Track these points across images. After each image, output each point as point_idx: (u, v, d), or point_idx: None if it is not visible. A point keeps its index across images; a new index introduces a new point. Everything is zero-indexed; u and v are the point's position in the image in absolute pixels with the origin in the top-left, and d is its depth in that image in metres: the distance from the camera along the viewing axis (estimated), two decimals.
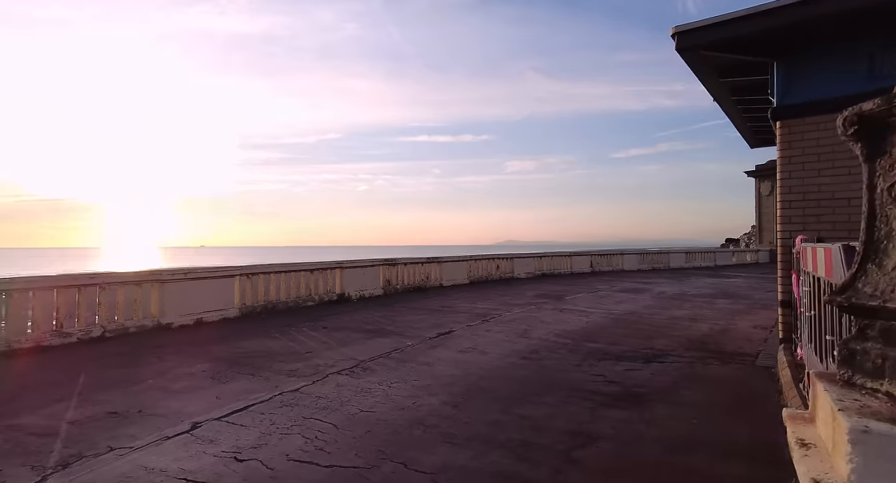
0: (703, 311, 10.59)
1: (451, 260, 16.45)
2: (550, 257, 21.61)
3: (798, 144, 5.87)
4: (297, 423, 4.09)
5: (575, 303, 11.91)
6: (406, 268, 14.49)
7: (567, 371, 5.79)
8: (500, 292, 14.11)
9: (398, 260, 14.19)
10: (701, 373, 5.75)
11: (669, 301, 12.38)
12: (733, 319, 9.53)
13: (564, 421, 4.17)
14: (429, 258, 15.55)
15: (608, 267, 23.55)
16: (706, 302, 12.16)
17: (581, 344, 7.30)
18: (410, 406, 4.53)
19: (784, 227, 6.00)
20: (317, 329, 8.40)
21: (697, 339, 7.64)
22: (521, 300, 12.36)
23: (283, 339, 7.58)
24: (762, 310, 10.87)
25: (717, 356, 6.54)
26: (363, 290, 12.68)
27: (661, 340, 7.59)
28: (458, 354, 6.59)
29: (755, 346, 7.12)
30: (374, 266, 13.22)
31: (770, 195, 30.34)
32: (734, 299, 12.64)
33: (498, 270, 18.87)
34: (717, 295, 13.66)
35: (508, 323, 9.08)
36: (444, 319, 9.39)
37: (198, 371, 5.64)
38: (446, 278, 15.96)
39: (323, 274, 11.74)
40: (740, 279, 19.22)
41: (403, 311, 10.44)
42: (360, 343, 7.28)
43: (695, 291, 14.52)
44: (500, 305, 11.38)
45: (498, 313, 10.18)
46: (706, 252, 29.52)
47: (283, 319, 9.40)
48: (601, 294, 13.84)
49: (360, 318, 9.62)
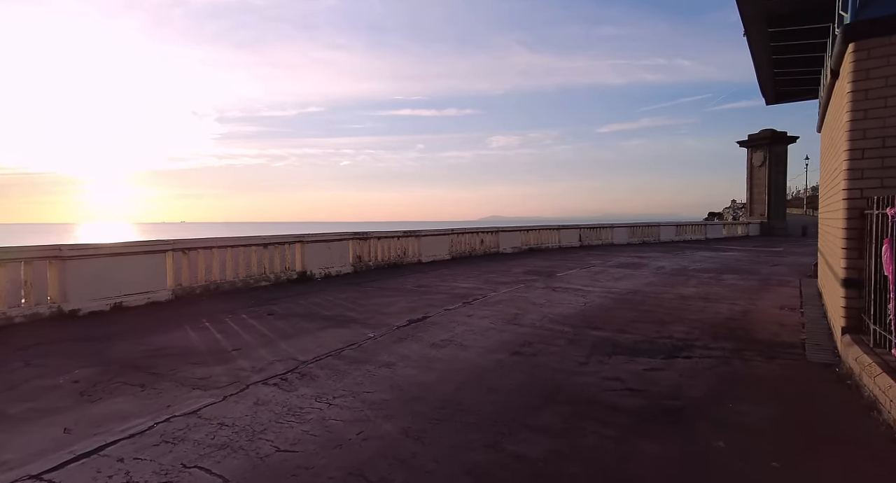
0: (714, 289, 9.34)
1: (431, 234, 14.94)
2: (538, 231, 20.25)
3: (880, 73, 4.42)
4: (168, 480, 2.62)
5: (568, 280, 10.57)
6: (380, 242, 12.94)
7: (571, 372, 4.41)
8: (484, 269, 12.71)
9: (370, 234, 12.62)
10: (744, 373, 4.42)
11: (672, 277, 11.13)
12: (751, 298, 8.29)
13: (579, 464, 2.79)
14: (406, 232, 14.01)
15: (597, 240, 22.34)
16: (712, 278, 10.93)
17: (583, 332, 5.94)
18: (353, 440, 3.09)
19: (853, 184, 4.60)
20: (260, 316, 6.88)
21: (721, 325, 6.35)
22: (509, 278, 10.98)
23: (212, 330, 6.05)
24: (778, 287, 9.68)
25: (754, 348, 5.24)
26: (328, 268, 11.13)
27: (677, 326, 6.28)
28: (431, 349, 5.16)
29: (794, 334, 5.84)
30: (343, 240, 11.64)
31: (762, 166, 29.29)
32: (741, 275, 11.45)
33: (482, 245, 17.45)
34: (721, 270, 12.47)
35: (494, 305, 7.68)
36: (418, 302, 7.95)
37: (66, 382, 4.09)
38: (426, 254, 14.49)
39: (280, 249, 10.13)
40: (737, 252, 18.16)
41: (372, 293, 8.96)
42: (308, 335, 5.79)
43: (696, 266, 13.32)
44: (484, 284, 9.98)
45: (482, 294, 8.77)
46: (697, 225, 28.52)
47: (225, 304, 7.85)
48: (595, 270, 12.55)
49: (319, 301, 8.11)
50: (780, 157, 29.16)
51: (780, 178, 29.39)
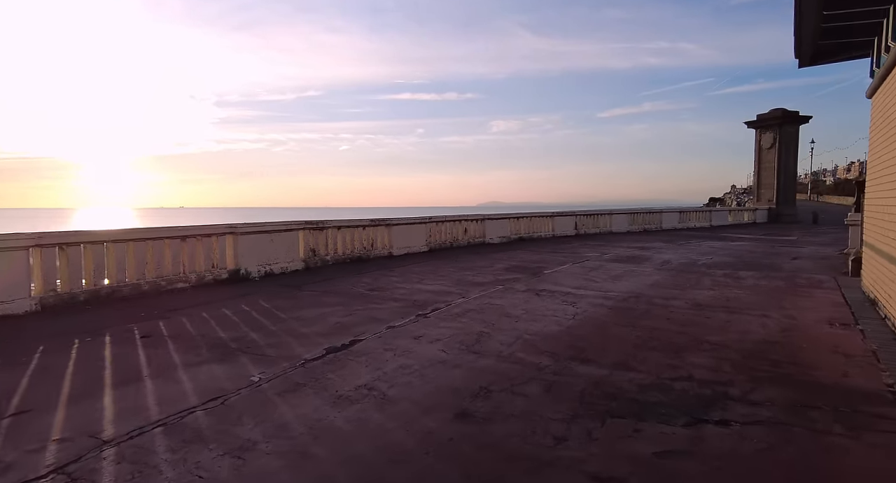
0: (734, 292, 7.58)
1: (405, 222, 13.09)
2: (529, 218, 18.40)
3: None
4: None
5: (557, 280, 8.80)
6: (340, 233, 11.09)
7: (539, 462, 2.67)
8: (462, 264, 10.92)
9: (328, 223, 10.75)
10: (824, 466, 2.67)
11: (680, 275, 9.37)
12: (784, 307, 6.53)
13: None
14: (374, 221, 12.14)
15: (595, 228, 20.52)
16: (728, 276, 9.17)
17: (567, 368, 4.18)
18: None
19: None
20: (127, 341, 5.03)
21: (758, 353, 4.59)
22: (487, 276, 9.20)
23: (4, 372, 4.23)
24: (812, 288, 7.92)
25: (820, 400, 3.49)
26: (270, 265, 9.29)
27: (698, 356, 4.53)
28: (333, 409, 3.39)
29: (870, 372, 4.09)
30: (290, 231, 9.78)
31: (772, 148, 27.37)
32: (761, 271, 9.69)
33: (466, 234, 15.62)
34: (736, 264, 10.71)
35: (457, 319, 5.91)
36: (359, 315, 6.17)
37: None
38: (398, 245, 12.66)
39: (204, 243, 8.29)
40: (747, 242, 16.42)
41: (307, 300, 7.15)
42: (164, 378, 3.99)
43: (706, 260, 11.55)
44: (454, 286, 8.19)
45: (446, 300, 7.00)
46: (701, 212, 26.72)
47: (104, 318, 6.03)
48: (590, 265, 10.77)
49: (231, 312, 6.29)
50: (791, 139, 27.24)
51: (790, 162, 27.51)
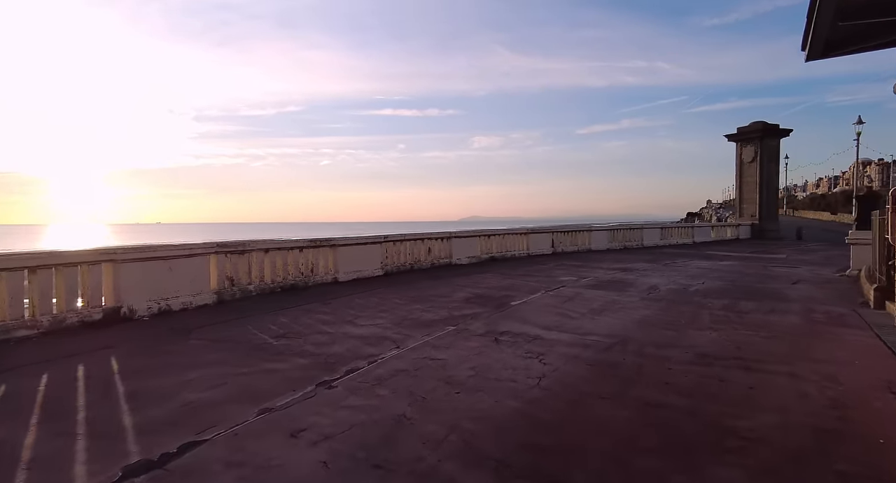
0: (743, 334, 6.00)
1: (354, 243, 11.29)
2: (501, 236, 16.78)
3: None
4: None
5: (525, 316, 7.11)
6: (269, 257, 9.23)
7: None
8: (417, 292, 9.17)
9: (251, 244, 8.90)
10: None
11: (672, 307, 7.79)
12: (816, 358, 4.95)
13: None
14: (314, 241, 10.28)
15: (573, 246, 19.02)
16: (728, 308, 7.62)
17: None
18: None
19: None
20: None
21: (815, 461, 2.95)
22: (440, 311, 7.46)
23: None
24: (834, 327, 6.39)
25: None
26: (168, 299, 7.35)
27: (722, 465, 2.87)
28: None
29: None
30: (195, 256, 7.88)
31: (753, 161, 26.48)
32: (764, 301, 8.18)
33: (430, 255, 13.89)
34: (733, 292, 9.21)
35: (372, 390, 4.14)
36: (236, 382, 4.35)
37: None
38: (345, 270, 10.84)
39: (65, 275, 6.36)
40: (736, 261, 15.08)
41: (180, 355, 5.26)
42: None
43: (697, 285, 10.04)
44: (393, 327, 6.43)
45: (373, 353, 5.22)
46: (684, 228, 25.59)
47: None
48: (566, 293, 9.15)
49: (26, 387, 4.43)
50: (773, 153, 26.42)
51: (772, 176, 26.65)
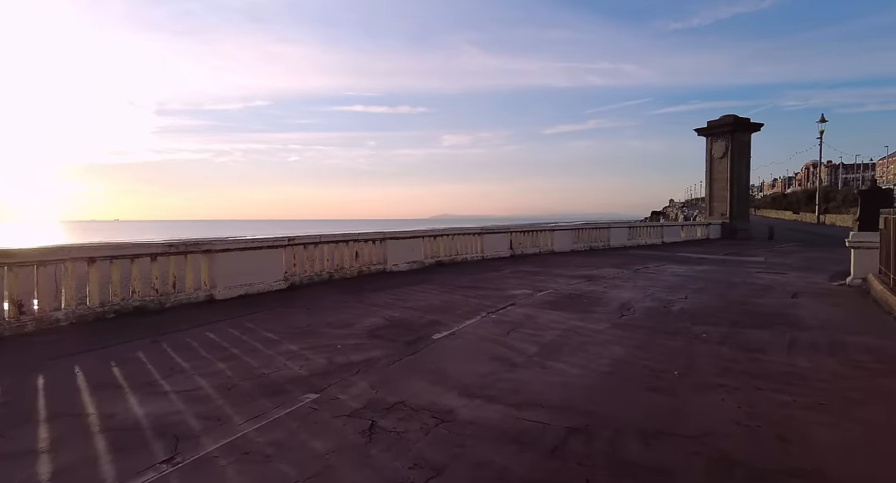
0: (773, 403, 3.79)
1: (242, 247, 8.66)
2: (451, 237, 14.45)
3: None
4: None
5: (442, 364, 4.75)
6: (96, 268, 6.54)
7: None
8: (305, 323, 6.67)
9: (69, 251, 6.20)
10: None
11: (653, 339, 5.59)
12: None
13: None
14: (173, 245, 7.61)
15: (534, 248, 16.89)
16: (731, 342, 5.45)
17: None
18: None
19: None
20: None
21: None
22: (315, 358, 5.00)
23: None
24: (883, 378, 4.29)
25: None
26: None
27: None
28: None
29: None
30: None
31: (723, 157, 25.09)
32: (773, 328, 6.08)
33: (357, 261, 11.39)
34: (728, 312, 7.11)
35: None
36: None
37: None
38: (226, 284, 8.21)
39: None
40: (714, 265, 13.24)
41: None
42: None
43: (681, 302, 7.92)
44: (200, 403, 3.94)
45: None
46: (653, 227, 23.96)
47: None
48: (514, 315, 6.85)
49: None
50: (744, 148, 25.08)
51: (743, 172, 25.32)
